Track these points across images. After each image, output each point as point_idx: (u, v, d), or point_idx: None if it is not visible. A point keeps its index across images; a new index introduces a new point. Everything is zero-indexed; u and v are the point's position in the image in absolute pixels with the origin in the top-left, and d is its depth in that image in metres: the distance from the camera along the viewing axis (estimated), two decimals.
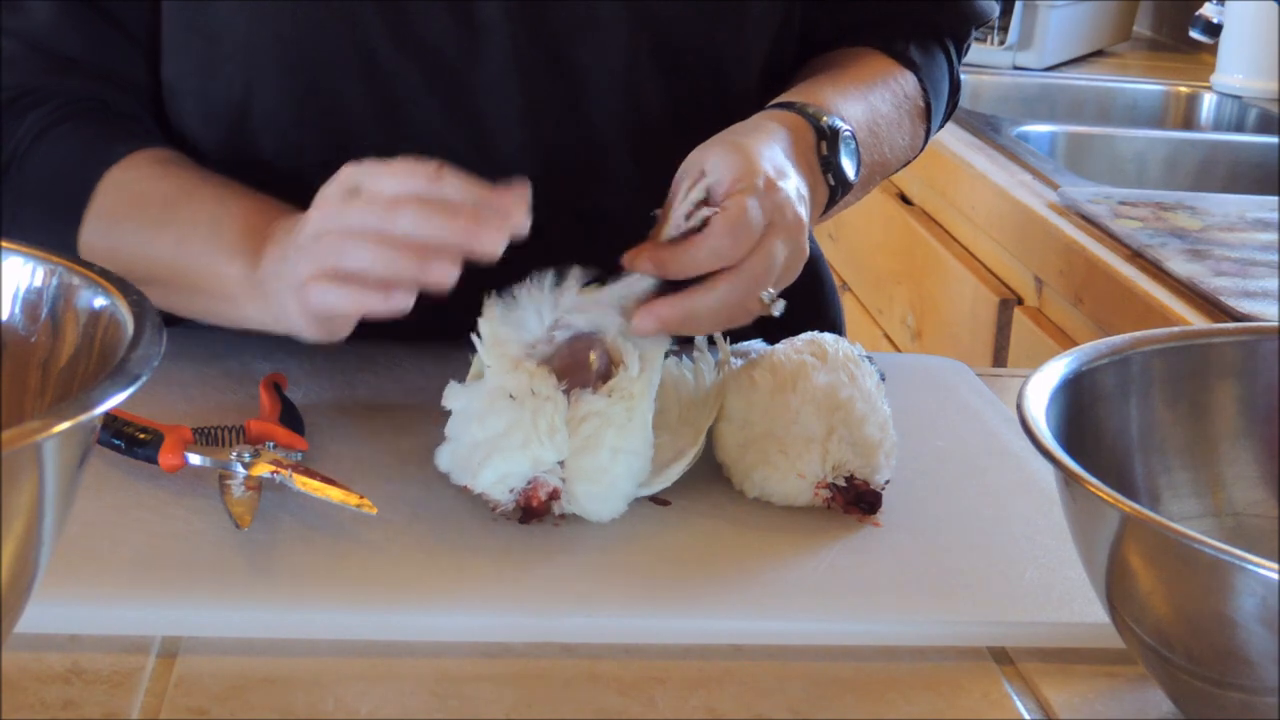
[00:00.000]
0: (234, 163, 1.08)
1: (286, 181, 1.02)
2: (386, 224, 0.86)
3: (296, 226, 0.92)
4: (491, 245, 0.85)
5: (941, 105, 1.22)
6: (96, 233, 1.04)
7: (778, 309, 0.95)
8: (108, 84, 1.09)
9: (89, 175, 1.04)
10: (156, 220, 1.02)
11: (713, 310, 0.93)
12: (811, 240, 1.31)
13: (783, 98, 1.07)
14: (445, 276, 0.86)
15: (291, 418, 0.99)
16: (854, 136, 1.06)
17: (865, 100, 1.11)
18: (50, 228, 1.04)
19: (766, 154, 0.97)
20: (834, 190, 1.05)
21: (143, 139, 1.07)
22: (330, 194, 0.90)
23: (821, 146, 1.03)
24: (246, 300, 0.97)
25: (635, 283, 0.93)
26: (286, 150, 1.09)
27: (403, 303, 0.87)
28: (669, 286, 0.94)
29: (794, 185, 0.97)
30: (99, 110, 1.08)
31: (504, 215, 0.85)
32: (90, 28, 1.08)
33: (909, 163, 1.22)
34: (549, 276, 0.94)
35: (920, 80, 1.18)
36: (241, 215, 0.99)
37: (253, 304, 0.97)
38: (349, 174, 0.89)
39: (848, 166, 1.05)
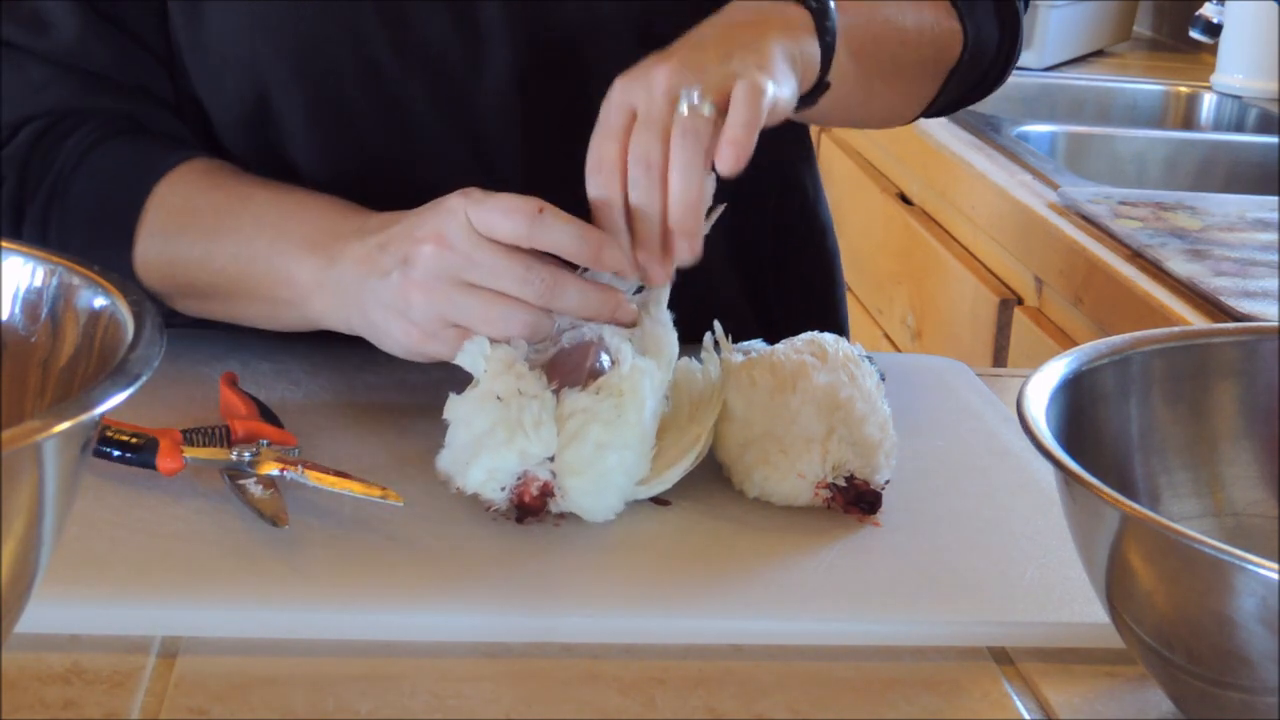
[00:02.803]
0: (266, 173, 1.07)
1: (320, 189, 1.03)
2: (493, 281, 0.90)
3: (392, 241, 0.93)
4: (569, 308, 0.92)
5: (988, 18, 1.20)
6: (151, 250, 1.03)
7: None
8: (139, 100, 1.08)
9: (136, 194, 1.03)
10: (214, 229, 1.02)
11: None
12: (831, 238, 1.30)
13: None
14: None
15: (267, 413, 0.98)
16: None
17: None
18: (101, 254, 1.02)
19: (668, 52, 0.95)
20: (821, 22, 0.99)
21: (184, 152, 1.07)
22: (443, 228, 0.90)
23: None
24: (315, 299, 0.97)
25: None
26: (310, 159, 1.09)
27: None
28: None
29: (674, 62, 0.93)
30: (135, 129, 1.08)
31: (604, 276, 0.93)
32: (115, 43, 1.07)
33: (938, 61, 1.19)
34: None
35: None
36: (303, 214, 0.99)
37: (322, 302, 0.97)
38: (458, 206, 0.90)
39: None
